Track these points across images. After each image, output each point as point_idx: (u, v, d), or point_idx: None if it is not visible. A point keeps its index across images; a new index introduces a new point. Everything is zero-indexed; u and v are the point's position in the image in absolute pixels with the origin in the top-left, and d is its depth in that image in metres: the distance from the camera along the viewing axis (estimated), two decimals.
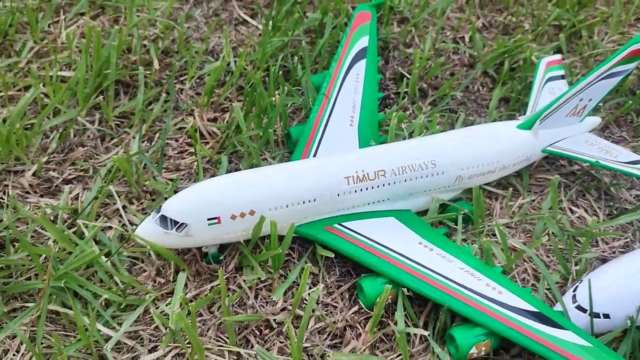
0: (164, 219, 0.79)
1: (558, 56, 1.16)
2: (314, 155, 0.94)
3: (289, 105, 1.06)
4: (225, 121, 1.06)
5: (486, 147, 0.95)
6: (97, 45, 1.05)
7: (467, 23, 1.31)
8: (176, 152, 1.02)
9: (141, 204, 0.93)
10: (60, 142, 1.00)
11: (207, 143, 1.03)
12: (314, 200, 0.85)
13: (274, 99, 1.01)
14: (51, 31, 1.20)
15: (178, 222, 0.79)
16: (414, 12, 1.31)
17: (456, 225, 0.91)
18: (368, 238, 0.85)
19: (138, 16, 1.25)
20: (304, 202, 0.84)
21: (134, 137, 1.01)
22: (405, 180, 0.89)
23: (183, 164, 1.00)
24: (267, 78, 1.08)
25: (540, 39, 1.28)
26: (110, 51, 1.04)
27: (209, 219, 0.79)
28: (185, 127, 1.06)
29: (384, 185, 0.88)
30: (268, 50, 1.12)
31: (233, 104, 1.02)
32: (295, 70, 1.11)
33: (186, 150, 1.02)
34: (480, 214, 0.92)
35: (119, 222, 0.90)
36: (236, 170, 0.99)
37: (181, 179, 0.96)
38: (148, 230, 0.80)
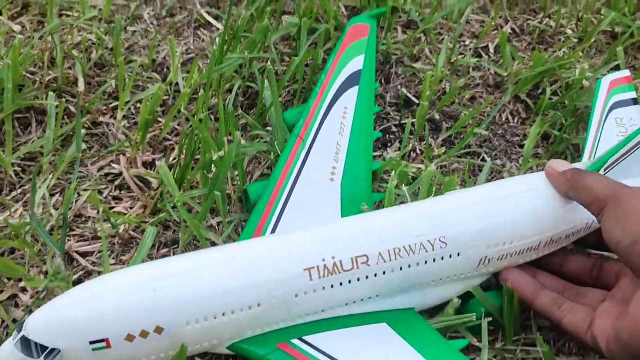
0: (26, 342, 0.54)
1: (626, 72, 0.87)
2: (273, 230, 0.67)
3: (246, 154, 0.78)
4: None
5: (524, 213, 0.65)
6: None
7: (493, 29, 1.02)
8: (96, 210, 0.75)
9: (36, 292, 0.66)
10: None
11: (136, 200, 0.75)
12: (258, 305, 0.58)
13: (219, 152, 0.71)
14: None
15: (46, 348, 0.53)
16: (424, 14, 1.02)
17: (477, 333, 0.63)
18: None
19: (67, 16, 0.97)
20: (241, 310, 0.57)
21: (32, 186, 0.73)
22: (401, 269, 0.62)
23: (106, 229, 0.72)
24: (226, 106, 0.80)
25: (589, 52, 0.99)
26: (6, 74, 0.76)
27: (92, 342, 0.53)
28: (113, 173, 0.78)
29: (367, 277, 0.61)
30: (224, 71, 0.83)
31: (159, 163, 0.74)
32: (261, 99, 0.83)
33: (113, 208, 0.75)
34: (512, 318, 0.64)
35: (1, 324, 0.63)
36: (173, 241, 0.71)
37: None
38: (7, 356, 0.54)
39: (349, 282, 0.60)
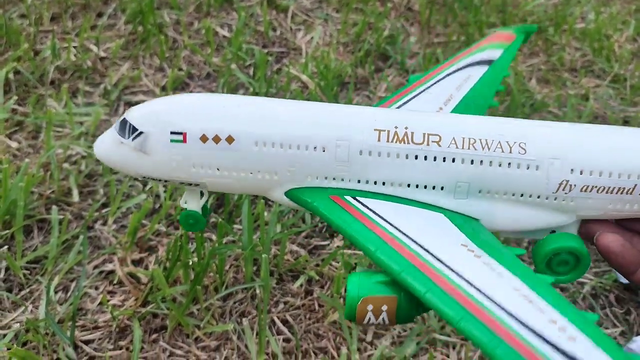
0: (123, 125, 0.61)
1: None
2: None
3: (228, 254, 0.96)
4: (152, 263, 0.94)
5: (621, 144, 0.59)
6: (4, 185, 0.93)
7: None
8: (95, 303, 0.90)
9: None
10: None
11: (129, 293, 0.91)
12: (323, 150, 0.59)
13: (194, 259, 0.88)
14: None
15: (136, 130, 0.60)
16: None
17: None
18: (386, 221, 0.57)
19: (58, 132, 1.14)
20: (306, 148, 0.59)
21: (46, 288, 0.89)
22: (472, 162, 0.58)
23: (101, 320, 0.88)
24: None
25: None
26: (18, 193, 0.92)
27: (172, 133, 0.59)
28: (106, 270, 0.94)
29: (435, 159, 0.58)
30: None
31: (152, 267, 0.90)
32: (228, 199, 1.01)
33: (108, 301, 0.90)
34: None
35: None
36: (162, 327, 0.87)
37: None
38: (107, 139, 0.63)
39: (416, 157, 0.58)
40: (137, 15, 1.37)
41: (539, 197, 0.59)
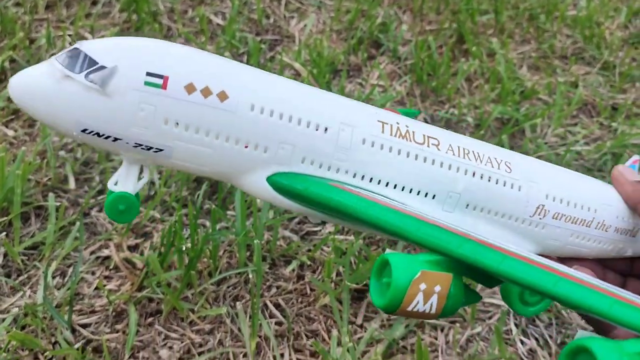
0: (74, 56, 0.48)
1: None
2: None
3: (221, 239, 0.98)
4: (148, 248, 0.97)
5: (584, 185, 0.66)
6: (1, 173, 0.95)
7: None
8: (92, 288, 0.92)
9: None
10: None
11: (125, 278, 0.93)
12: (325, 130, 0.53)
13: (188, 244, 0.90)
14: None
15: (96, 64, 0.47)
16: None
17: None
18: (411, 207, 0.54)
19: None
20: (307, 125, 0.52)
21: (43, 273, 0.91)
22: (466, 173, 0.58)
23: (98, 305, 0.90)
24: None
25: (484, 136, 1.24)
26: (15, 181, 0.94)
27: (149, 74, 0.47)
28: (102, 256, 0.96)
29: (433, 162, 0.57)
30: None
31: (148, 253, 0.92)
32: (221, 187, 1.03)
33: (104, 286, 0.92)
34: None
35: None
36: (157, 311, 0.89)
37: None
38: (38, 72, 0.48)
39: (415, 158, 0.56)
40: (131, 4, 1.38)
41: (517, 219, 0.60)
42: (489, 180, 0.58)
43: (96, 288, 0.91)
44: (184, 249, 0.89)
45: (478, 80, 1.36)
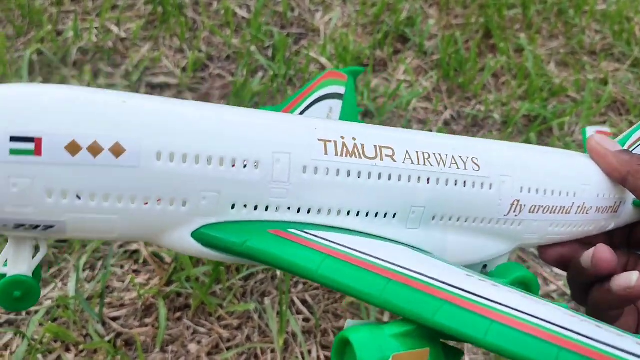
0: None
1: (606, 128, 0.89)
2: None
3: None
4: None
5: (560, 167, 0.60)
6: None
7: (435, 115, 1.25)
8: (121, 282, 0.93)
9: (80, 352, 0.84)
10: None
11: (153, 273, 0.94)
12: (255, 166, 0.44)
13: None
14: None
15: None
16: (378, 104, 1.24)
17: None
18: (357, 251, 0.45)
19: None
20: (232, 164, 0.43)
21: (74, 266, 0.92)
22: (429, 181, 0.51)
23: (128, 298, 0.91)
24: None
25: (512, 133, 1.22)
26: None
27: (13, 139, 0.38)
28: (131, 250, 0.97)
29: (389, 177, 0.49)
30: None
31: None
32: None
33: (134, 280, 0.93)
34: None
35: None
36: (185, 305, 0.90)
37: None
38: None
39: (368, 176, 0.48)
40: None
41: (490, 221, 0.55)
42: (456, 185, 0.52)
43: (129, 282, 0.92)
44: None
45: (505, 76, 1.34)
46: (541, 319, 0.40)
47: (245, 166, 0.43)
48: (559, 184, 0.58)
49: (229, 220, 0.44)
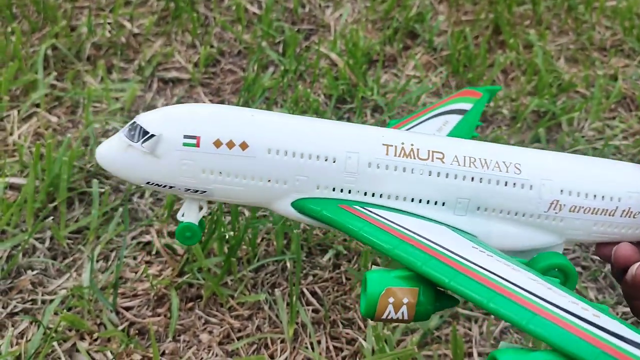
0: (133, 129, 0.63)
1: None
2: None
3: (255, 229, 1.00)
4: None
5: (604, 175, 0.69)
6: (48, 159, 0.97)
7: None
8: (134, 272, 0.95)
9: (94, 340, 0.86)
10: (7, 272, 0.92)
11: (165, 264, 0.95)
12: (333, 161, 0.63)
13: (230, 232, 0.92)
14: (3, 126, 1.12)
15: (148, 133, 0.61)
16: (388, 100, 1.25)
17: None
18: (399, 225, 0.62)
19: (95, 107, 1.18)
20: (317, 158, 0.63)
21: (88, 257, 0.94)
22: (473, 180, 0.64)
23: (140, 288, 0.92)
24: None
25: (520, 128, 1.23)
26: (62, 167, 0.97)
27: (185, 137, 0.61)
28: (144, 242, 0.99)
29: (438, 175, 0.64)
30: None
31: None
32: None
33: (147, 270, 0.95)
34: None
35: None
36: (197, 296, 0.92)
37: None
38: (112, 143, 0.65)
39: (421, 173, 0.64)
40: None
41: (531, 216, 0.66)
42: (497, 184, 0.64)
43: (142, 273, 0.94)
44: (227, 237, 0.91)
45: (514, 72, 1.35)
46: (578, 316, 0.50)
47: (326, 160, 0.63)
48: (602, 189, 0.66)
49: (315, 197, 0.64)
